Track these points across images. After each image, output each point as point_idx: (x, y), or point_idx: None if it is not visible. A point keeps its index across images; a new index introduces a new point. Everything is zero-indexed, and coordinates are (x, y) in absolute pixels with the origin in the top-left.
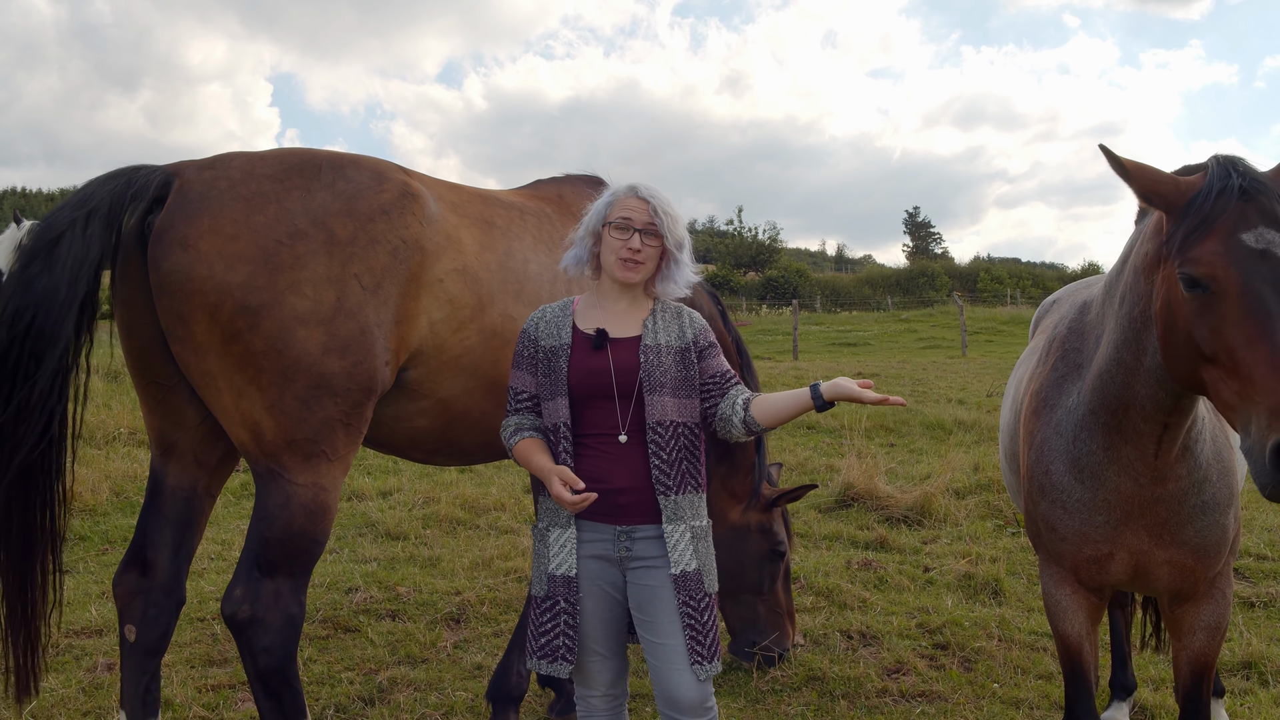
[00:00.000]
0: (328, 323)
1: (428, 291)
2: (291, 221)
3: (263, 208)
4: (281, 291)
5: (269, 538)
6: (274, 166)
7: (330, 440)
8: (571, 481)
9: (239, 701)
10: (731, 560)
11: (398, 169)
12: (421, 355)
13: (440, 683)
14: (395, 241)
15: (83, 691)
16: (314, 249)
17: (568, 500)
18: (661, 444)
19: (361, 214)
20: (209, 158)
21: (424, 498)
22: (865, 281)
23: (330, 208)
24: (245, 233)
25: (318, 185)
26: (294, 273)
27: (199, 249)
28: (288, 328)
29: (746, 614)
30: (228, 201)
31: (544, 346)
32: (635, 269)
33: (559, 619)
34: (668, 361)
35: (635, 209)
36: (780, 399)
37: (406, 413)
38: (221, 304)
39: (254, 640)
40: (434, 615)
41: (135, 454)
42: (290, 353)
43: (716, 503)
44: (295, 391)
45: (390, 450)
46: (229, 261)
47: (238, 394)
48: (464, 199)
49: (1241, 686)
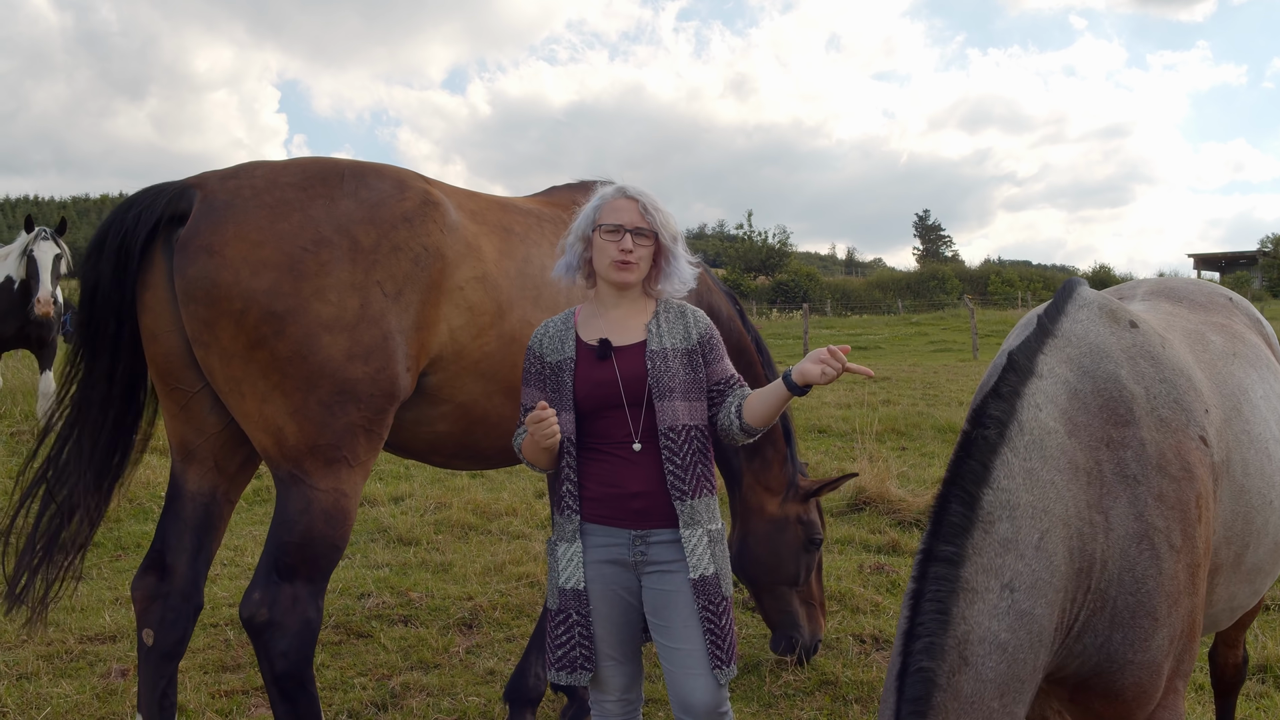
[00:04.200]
0: (351, 329)
1: (448, 298)
2: (316, 229)
3: (287, 215)
4: (306, 298)
5: (288, 542)
6: (297, 175)
7: (352, 446)
8: (538, 415)
9: (252, 707)
10: (770, 553)
11: (419, 177)
12: (441, 361)
13: (453, 688)
14: (417, 249)
15: (96, 697)
16: (338, 256)
17: (542, 430)
18: (675, 449)
19: (384, 222)
20: (231, 167)
21: (436, 503)
22: (875, 285)
23: (354, 215)
24: (270, 239)
25: (341, 193)
26: (318, 279)
27: (225, 255)
28: (312, 334)
29: (785, 607)
30: (253, 209)
31: (549, 362)
32: (630, 269)
33: (573, 631)
34: (675, 365)
35: (624, 209)
36: (761, 394)
37: (427, 417)
38: (247, 310)
39: (271, 644)
40: (446, 620)
41: (149, 460)
42: (315, 358)
43: (752, 497)
44: (319, 397)
45: (410, 454)
46: (254, 268)
47: (262, 399)
48: (483, 206)
49: (1257, 690)
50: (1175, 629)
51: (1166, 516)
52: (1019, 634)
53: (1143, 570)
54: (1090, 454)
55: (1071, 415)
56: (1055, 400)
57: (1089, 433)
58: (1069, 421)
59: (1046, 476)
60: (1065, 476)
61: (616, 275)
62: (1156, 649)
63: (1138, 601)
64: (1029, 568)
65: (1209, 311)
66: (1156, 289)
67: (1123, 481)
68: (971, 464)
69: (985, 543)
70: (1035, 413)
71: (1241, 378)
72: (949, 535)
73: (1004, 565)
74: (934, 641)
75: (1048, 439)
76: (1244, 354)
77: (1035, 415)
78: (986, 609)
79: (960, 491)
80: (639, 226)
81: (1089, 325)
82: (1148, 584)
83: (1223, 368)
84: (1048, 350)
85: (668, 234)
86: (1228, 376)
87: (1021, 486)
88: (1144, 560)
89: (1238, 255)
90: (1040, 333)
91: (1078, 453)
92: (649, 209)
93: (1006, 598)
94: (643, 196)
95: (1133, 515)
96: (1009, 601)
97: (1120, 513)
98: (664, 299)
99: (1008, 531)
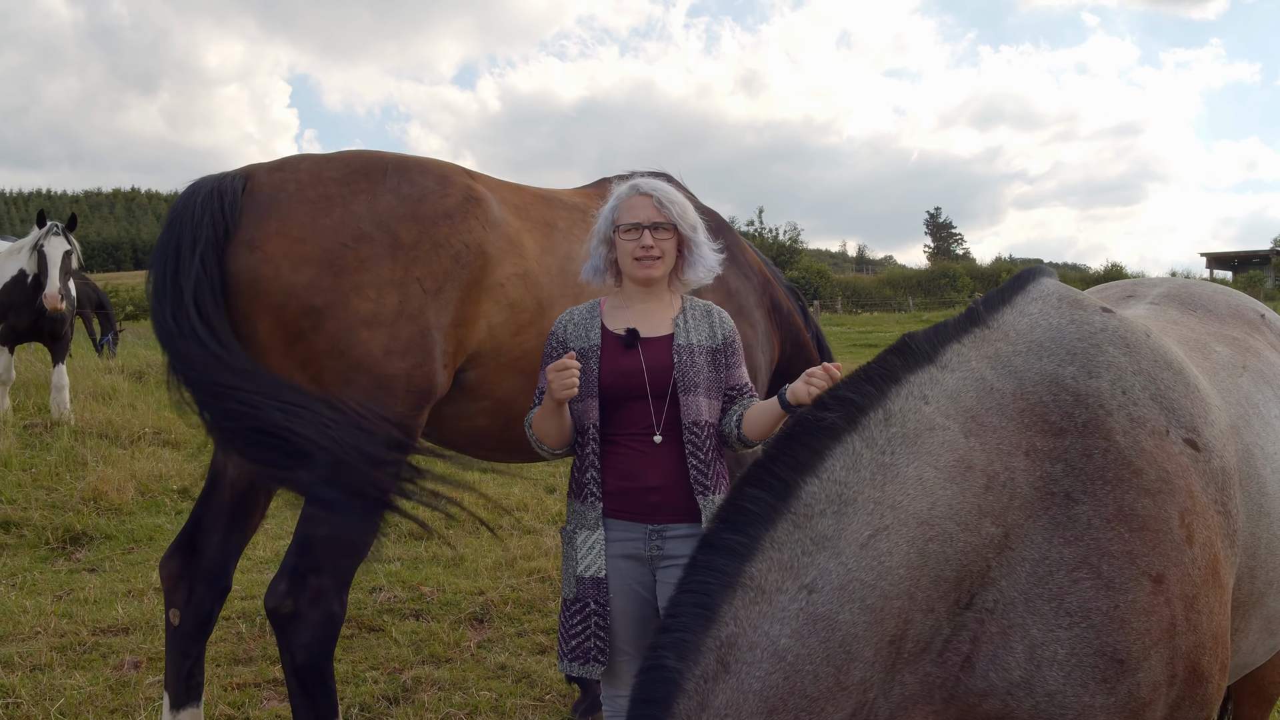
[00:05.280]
0: (390, 325)
1: (488, 295)
2: (356, 225)
3: (329, 210)
4: (345, 293)
5: (316, 535)
6: (340, 169)
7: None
8: (564, 363)
9: (264, 700)
10: None
11: (462, 171)
12: (480, 358)
13: (464, 682)
14: (458, 246)
15: (110, 689)
16: (378, 252)
17: (563, 380)
18: (698, 444)
19: (425, 218)
20: (278, 160)
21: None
22: (886, 282)
23: (395, 211)
24: (311, 235)
25: (383, 189)
26: (358, 275)
27: (266, 250)
28: (351, 329)
29: None
30: (295, 204)
31: (573, 349)
32: (654, 265)
33: (589, 621)
34: (701, 361)
35: (640, 206)
36: (760, 409)
37: (467, 412)
38: (286, 304)
39: (293, 636)
40: (457, 615)
41: (160, 453)
42: (353, 353)
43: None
44: (355, 392)
45: (454, 447)
46: (294, 263)
47: None
48: (527, 201)
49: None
50: (1160, 674)
51: (1132, 539)
52: (807, 641)
53: (1083, 602)
54: (998, 459)
55: (977, 414)
56: (956, 397)
57: (1000, 437)
58: (970, 420)
59: (913, 473)
60: (945, 475)
61: (642, 272)
62: (1128, 695)
63: (1080, 637)
64: (843, 567)
65: (1225, 323)
66: (1173, 292)
67: (1045, 499)
68: (796, 448)
69: (792, 538)
70: (917, 405)
71: (1250, 391)
72: (740, 524)
73: (810, 564)
74: (686, 639)
75: (928, 435)
76: (1256, 369)
77: (916, 408)
78: (770, 611)
79: (769, 477)
80: (656, 221)
81: (1038, 319)
82: (1094, 618)
83: (1226, 379)
84: (968, 341)
85: (686, 224)
86: (1232, 388)
87: (868, 481)
88: (1084, 591)
89: (1251, 254)
90: (966, 320)
91: (976, 454)
92: (664, 202)
93: (800, 599)
94: (656, 191)
95: (1063, 539)
96: (802, 603)
97: (1032, 533)
98: (689, 298)
99: (829, 528)
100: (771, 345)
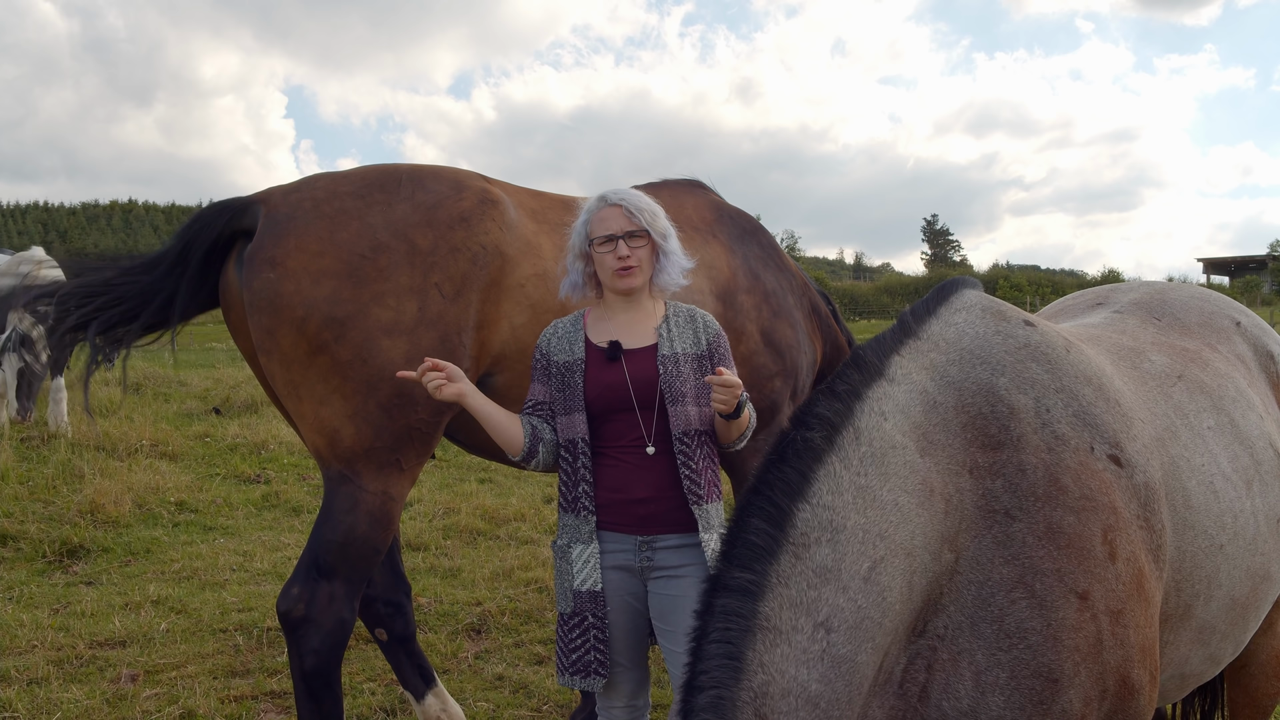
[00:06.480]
0: (410, 332)
1: (508, 296)
2: (373, 235)
3: (346, 224)
4: (366, 303)
5: (331, 540)
6: (356, 183)
7: (406, 450)
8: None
9: (261, 712)
10: None
11: (478, 177)
12: (506, 360)
13: (461, 693)
14: (475, 248)
15: (106, 702)
16: (396, 261)
17: (430, 381)
18: (689, 454)
19: (441, 223)
20: (295, 181)
21: (444, 509)
22: (884, 290)
23: (410, 219)
24: (330, 249)
25: (398, 198)
26: (377, 284)
27: (286, 266)
28: (372, 338)
29: None
30: (313, 220)
31: (556, 362)
32: (632, 274)
33: (588, 634)
34: (686, 370)
35: (612, 217)
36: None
37: None
38: (308, 317)
39: (304, 640)
40: (455, 626)
41: (157, 466)
42: (375, 362)
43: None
44: (379, 400)
45: (482, 452)
46: (315, 277)
47: (319, 402)
48: (545, 205)
49: None
50: (1090, 690)
51: (1060, 556)
52: (835, 685)
53: (1020, 623)
54: (950, 480)
55: (926, 432)
56: (907, 411)
57: (948, 455)
58: (923, 439)
59: (889, 497)
60: (916, 500)
61: (622, 283)
62: (1062, 714)
63: (1018, 659)
64: (853, 603)
65: (1185, 332)
66: (1143, 300)
67: (986, 517)
68: (786, 471)
69: (796, 570)
70: (878, 421)
71: (1182, 402)
72: (747, 559)
73: (820, 599)
74: (723, 695)
75: (891, 455)
76: (1195, 379)
77: (878, 424)
78: (793, 653)
79: (767, 504)
80: (629, 230)
81: (964, 329)
82: (1031, 638)
83: (1156, 390)
84: (905, 352)
85: (656, 232)
86: (1160, 399)
87: (851, 506)
88: (1020, 611)
89: (1247, 259)
90: (900, 331)
91: (934, 476)
92: (634, 210)
93: (820, 640)
94: (625, 200)
95: (1003, 558)
96: (823, 645)
97: (977, 554)
98: (673, 304)
99: (827, 558)
100: (813, 346)
